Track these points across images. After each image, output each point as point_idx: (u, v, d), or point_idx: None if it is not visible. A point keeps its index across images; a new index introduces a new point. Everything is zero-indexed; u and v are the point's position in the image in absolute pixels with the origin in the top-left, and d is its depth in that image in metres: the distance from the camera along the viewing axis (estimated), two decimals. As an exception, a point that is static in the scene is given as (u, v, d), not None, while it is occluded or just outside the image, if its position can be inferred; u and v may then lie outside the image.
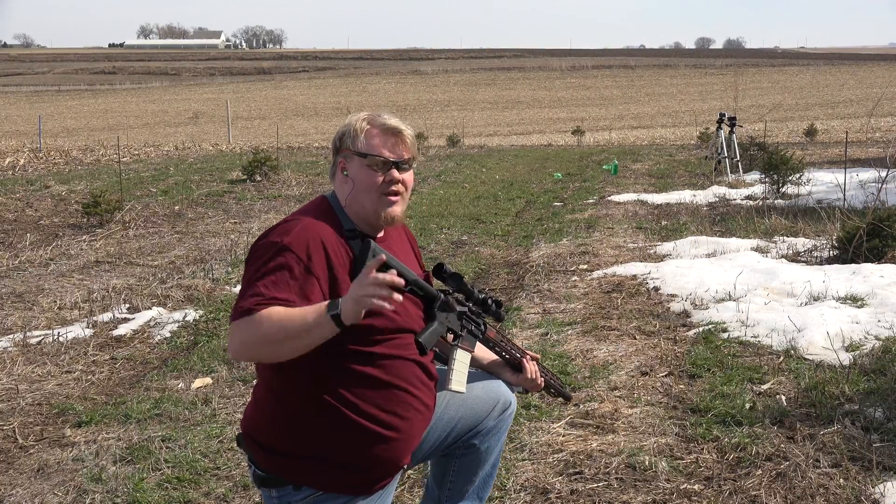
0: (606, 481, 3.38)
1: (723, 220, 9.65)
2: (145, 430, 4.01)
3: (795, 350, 4.80)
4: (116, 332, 5.70)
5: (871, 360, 4.50)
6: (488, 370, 2.66)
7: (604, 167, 17.20)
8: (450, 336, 2.42)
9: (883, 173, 8.60)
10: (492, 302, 2.50)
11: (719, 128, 14.98)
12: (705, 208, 10.87)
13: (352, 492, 2.25)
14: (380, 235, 2.37)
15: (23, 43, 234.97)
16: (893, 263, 6.75)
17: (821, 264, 7.02)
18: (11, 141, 29.01)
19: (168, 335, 5.66)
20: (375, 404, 2.23)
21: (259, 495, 3.05)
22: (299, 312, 2.03)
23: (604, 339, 5.24)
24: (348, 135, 2.33)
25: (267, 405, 2.28)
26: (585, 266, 7.43)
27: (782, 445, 3.57)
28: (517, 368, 2.64)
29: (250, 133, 39.04)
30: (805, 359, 4.66)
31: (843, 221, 7.53)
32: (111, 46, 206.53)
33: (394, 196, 2.31)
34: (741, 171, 14.35)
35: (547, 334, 5.39)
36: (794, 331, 5.04)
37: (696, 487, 3.30)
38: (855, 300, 5.72)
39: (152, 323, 5.94)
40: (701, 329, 5.32)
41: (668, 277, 6.59)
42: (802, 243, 7.89)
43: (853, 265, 6.67)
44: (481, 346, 2.56)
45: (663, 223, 9.65)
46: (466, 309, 2.45)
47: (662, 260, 7.49)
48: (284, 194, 13.42)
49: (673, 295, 6.17)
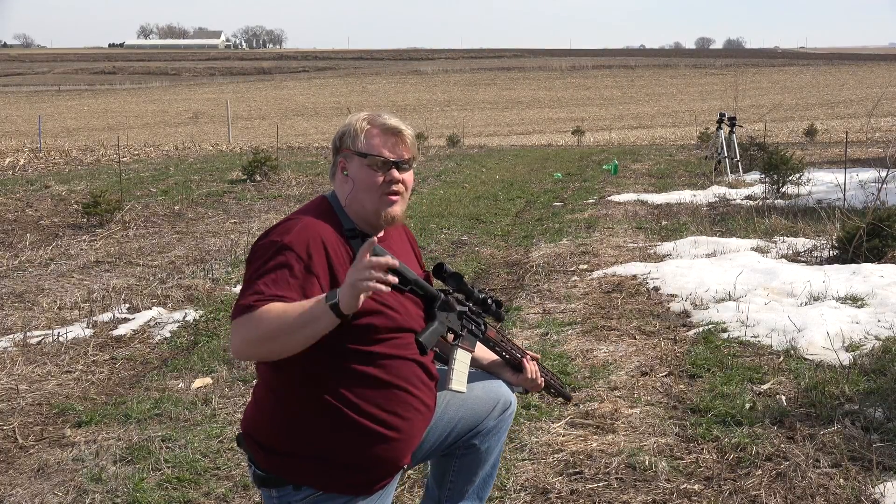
0: (606, 481, 3.38)
1: (723, 220, 9.65)
2: (145, 430, 4.01)
3: (795, 350, 4.80)
4: (116, 332, 5.70)
5: (871, 360, 4.50)
6: (488, 370, 2.66)
7: (604, 167, 17.20)
8: (450, 336, 2.42)
9: (883, 173, 8.60)
10: (492, 302, 2.50)
11: (719, 128, 14.98)
12: (705, 208, 10.87)
13: (352, 492, 2.25)
14: (380, 235, 2.37)
15: (23, 43, 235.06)
16: (893, 263, 6.75)
17: (821, 264, 7.02)
18: (11, 141, 29.01)
19: (168, 335, 5.66)
20: (376, 404, 2.23)
21: (259, 495, 3.05)
22: (298, 305, 2.03)
23: (604, 339, 5.24)
24: (348, 135, 2.33)
25: (267, 405, 2.29)
26: (585, 266, 7.43)
27: (782, 445, 3.57)
28: (517, 368, 2.64)
29: (250, 133, 39.04)
30: (805, 359, 4.66)
31: (843, 221, 7.53)
32: (111, 46, 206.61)
33: (394, 196, 2.31)
34: (741, 171, 14.35)
35: (547, 334, 5.39)
36: (794, 331, 5.04)
37: (696, 487, 3.30)
38: (855, 300, 5.72)
39: (152, 323, 5.94)
40: (701, 329, 5.32)
41: (668, 277, 6.59)
42: (802, 243, 7.89)
43: (853, 265, 6.67)
44: (481, 346, 2.56)
45: (663, 223, 9.65)
46: (467, 309, 2.45)
47: (662, 260, 7.49)
48: (284, 194, 13.42)
49: (673, 295, 6.17)
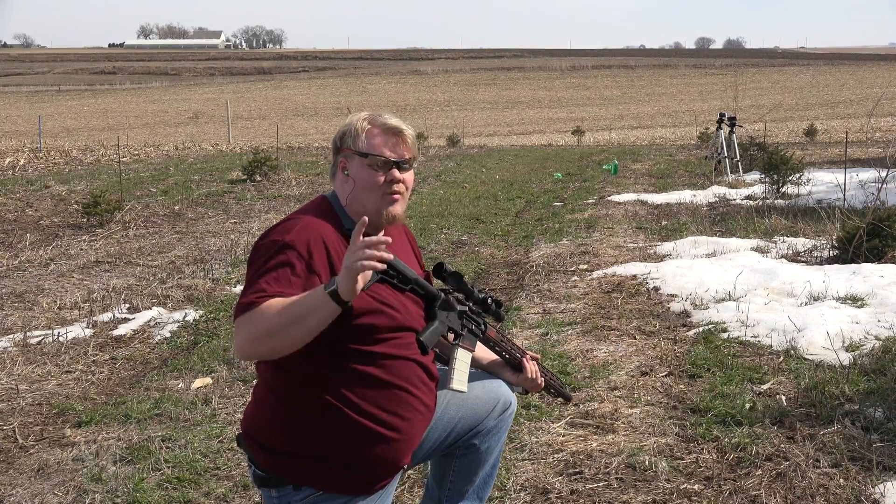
0: (606, 481, 3.38)
1: (723, 220, 9.64)
2: (145, 430, 4.01)
3: (795, 350, 4.80)
4: (116, 332, 5.70)
5: (871, 360, 4.50)
6: (488, 370, 2.66)
7: (604, 167, 17.20)
8: (450, 335, 2.43)
9: (883, 173, 8.60)
10: (492, 301, 2.50)
11: (719, 128, 14.98)
12: (705, 208, 10.87)
13: (352, 492, 2.25)
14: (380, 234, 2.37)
15: (23, 43, 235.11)
16: (893, 263, 6.75)
17: (821, 264, 7.02)
18: (11, 141, 29.01)
19: (168, 335, 5.66)
20: (376, 404, 2.23)
21: (259, 495, 3.05)
22: (299, 298, 2.03)
23: (604, 339, 5.24)
24: (349, 134, 2.33)
25: (267, 405, 2.28)
26: (585, 266, 7.43)
27: (782, 445, 3.57)
28: (517, 368, 2.64)
29: (250, 133, 39.04)
30: (805, 359, 4.66)
31: (843, 221, 7.53)
32: (111, 46, 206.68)
33: (395, 195, 2.32)
34: (741, 171, 14.35)
35: (547, 334, 5.38)
36: (794, 331, 5.04)
37: (696, 487, 3.30)
38: (855, 300, 5.72)
39: (152, 323, 5.94)
40: (701, 329, 5.32)
41: (668, 277, 6.59)
42: (802, 243, 7.89)
43: (853, 265, 6.67)
44: (481, 346, 2.56)
45: (663, 223, 9.65)
46: (467, 308, 2.45)
47: (662, 260, 7.49)
48: (284, 194, 13.42)
49: (673, 295, 6.17)
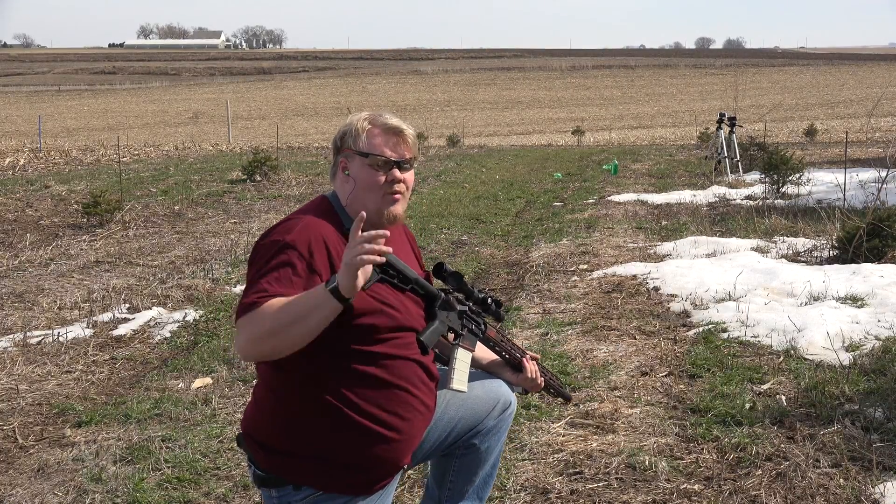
0: (606, 481, 3.38)
1: (723, 220, 9.65)
2: (145, 430, 4.01)
3: (795, 350, 4.80)
4: (116, 332, 5.70)
5: (871, 360, 4.50)
6: (488, 370, 2.66)
7: (604, 167, 17.20)
8: (450, 335, 2.43)
9: (883, 173, 8.59)
10: (491, 301, 2.50)
11: (719, 128, 14.98)
12: (705, 208, 10.87)
13: (352, 492, 2.25)
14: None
15: (23, 43, 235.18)
16: (893, 263, 6.75)
17: (821, 264, 7.02)
18: (11, 141, 29.01)
19: (168, 335, 5.66)
20: (377, 404, 2.23)
21: (259, 495, 3.05)
22: (300, 296, 2.03)
23: (604, 339, 5.24)
24: (350, 134, 2.34)
25: (267, 405, 2.28)
26: (585, 266, 7.43)
27: (782, 445, 3.57)
28: (517, 368, 2.64)
29: (250, 133, 39.04)
30: (805, 359, 4.66)
31: (843, 221, 7.53)
32: (111, 46, 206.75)
33: (395, 195, 2.32)
34: (741, 171, 14.35)
35: (547, 334, 5.38)
36: (794, 331, 5.04)
37: (696, 487, 3.30)
38: (855, 300, 5.72)
39: (152, 323, 5.94)
40: (701, 329, 5.32)
41: (668, 277, 6.59)
42: (802, 243, 7.89)
43: (853, 265, 6.67)
44: (481, 346, 2.56)
45: (663, 223, 9.65)
46: (467, 308, 2.45)
47: (662, 260, 7.49)
48: (284, 194, 13.42)
49: (673, 295, 6.17)
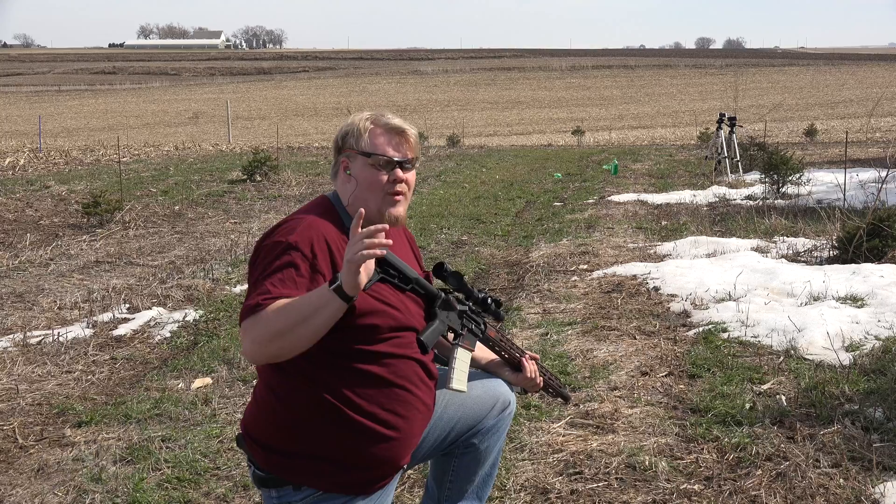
0: (606, 481, 3.38)
1: (723, 220, 9.65)
2: (145, 430, 4.01)
3: (795, 350, 4.80)
4: (116, 332, 5.70)
5: (871, 360, 4.50)
6: (487, 370, 2.66)
7: (604, 167, 17.20)
8: (450, 335, 2.43)
9: (883, 173, 8.59)
10: (491, 301, 2.50)
11: (719, 128, 14.99)
12: (705, 208, 10.87)
13: (352, 492, 2.25)
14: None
15: (23, 43, 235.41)
16: (893, 263, 6.75)
17: (821, 264, 7.02)
18: (11, 141, 29.02)
19: (168, 335, 5.66)
20: (377, 403, 2.23)
21: (259, 495, 3.05)
22: (304, 297, 2.04)
23: (604, 339, 5.24)
24: (352, 134, 2.33)
25: (267, 405, 2.28)
26: (585, 266, 7.43)
27: (782, 445, 3.57)
28: (516, 368, 2.65)
29: (250, 133, 39.05)
30: (805, 359, 4.66)
31: (843, 221, 7.53)
32: (111, 46, 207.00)
33: (397, 196, 2.32)
34: (741, 171, 14.36)
35: (547, 334, 5.38)
36: (794, 331, 5.04)
37: (696, 487, 3.30)
38: (855, 300, 5.72)
39: (152, 323, 5.94)
40: (701, 329, 5.32)
41: (668, 277, 6.59)
42: (802, 243, 7.89)
43: (853, 265, 6.67)
44: (480, 346, 2.56)
45: (663, 223, 9.65)
46: (467, 308, 2.46)
47: (662, 260, 7.49)
48: (284, 194, 13.42)
49: (673, 295, 6.17)
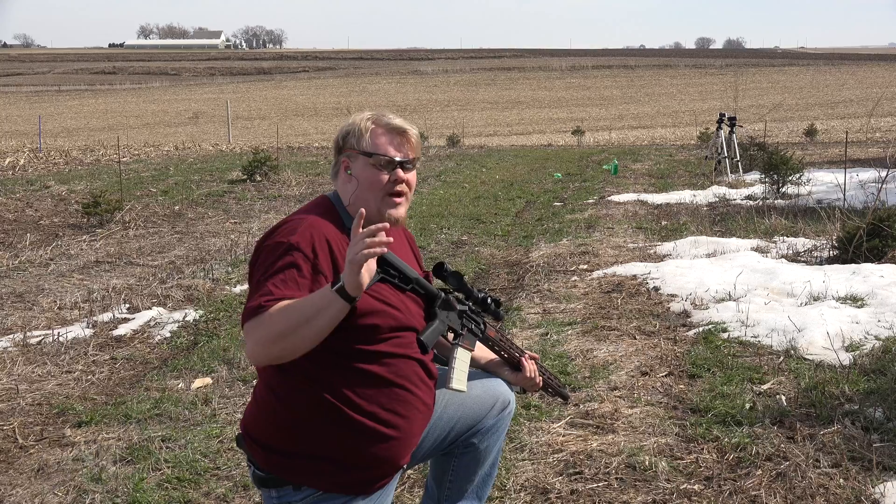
0: (606, 481, 3.38)
1: (723, 220, 9.65)
2: (145, 430, 4.01)
3: (795, 350, 4.80)
4: (116, 332, 5.70)
5: (871, 360, 4.50)
6: (487, 369, 2.66)
7: (604, 167, 17.20)
8: (450, 335, 2.43)
9: (883, 173, 8.59)
10: (491, 301, 2.50)
11: (719, 128, 14.99)
12: (705, 208, 10.87)
13: (351, 491, 2.25)
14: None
15: (23, 43, 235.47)
16: (893, 263, 6.75)
17: (821, 264, 7.02)
18: (11, 141, 29.02)
19: (168, 335, 5.66)
20: (377, 403, 2.23)
21: (259, 495, 3.05)
22: (307, 298, 2.04)
23: (604, 339, 5.24)
24: (353, 134, 2.33)
25: (268, 405, 2.28)
26: (585, 266, 7.43)
27: (782, 445, 3.57)
28: (516, 367, 2.65)
29: (250, 133, 39.06)
30: (805, 359, 4.66)
31: (843, 221, 7.53)
32: (111, 46, 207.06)
33: (398, 197, 2.32)
34: (741, 171, 14.36)
35: (547, 334, 5.38)
36: (794, 331, 5.04)
37: (696, 487, 3.30)
38: (855, 300, 5.72)
39: (152, 323, 5.94)
40: (701, 329, 5.32)
41: (668, 277, 6.59)
42: (802, 243, 7.89)
43: (853, 265, 6.67)
44: (480, 345, 2.56)
45: (663, 223, 9.65)
46: (467, 308, 2.46)
47: (662, 260, 7.49)
48: (284, 194, 13.42)
49: (673, 295, 6.16)
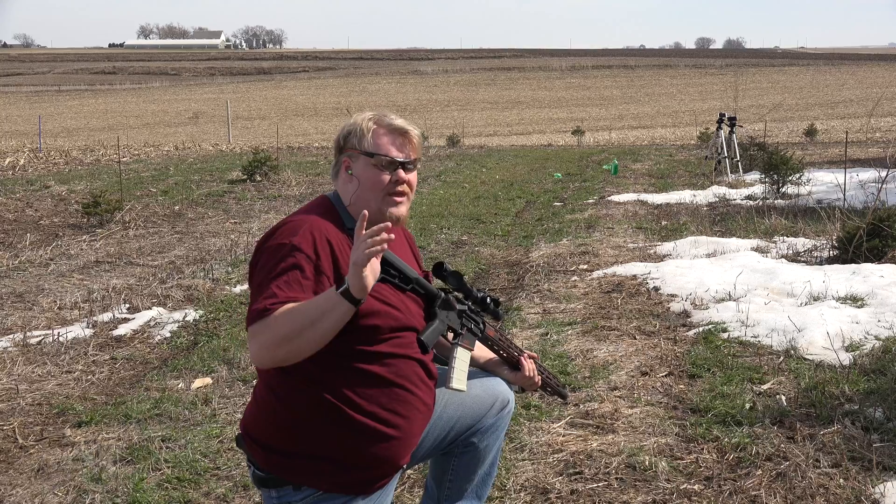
0: (606, 481, 3.38)
1: (723, 220, 9.65)
2: (145, 430, 4.01)
3: (795, 350, 4.80)
4: (116, 332, 5.70)
5: (871, 360, 4.50)
6: (486, 369, 2.66)
7: (604, 167, 17.21)
8: (450, 334, 2.43)
9: (883, 173, 8.59)
10: (490, 300, 2.50)
11: (719, 128, 14.99)
12: (705, 208, 10.87)
13: (351, 491, 2.25)
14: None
15: (23, 43, 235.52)
16: (893, 263, 6.75)
17: (821, 264, 7.02)
18: (11, 141, 29.03)
19: (168, 335, 5.66)
20: (377, 403, 2.24)
21: (259, 495, 3.05)
22: (311, 301, 2.05)
23: (604, 339, 5.24)
24: (354, 134, 2.33)
25: (268, 405, 2.28)
26: (585, 266, 7.43)
27: (782, 445, 3.57)
28: (515, 367, 2.65)
29: (250, 133, 39.06)
30: (805, 359, 4.66)
31: (843, 221, 7.53)
32: (111, 46, 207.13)
33: (399, 197, 2.32)
34: (741, 171, 14.36)
35: (547, 334, 5.38)
36: (794, 331, 5.04)
37: (696, 487, 3.30)
38: (855, 300, 5.72)
39: (152, 323, 5.94)
40: (701, 329, 5.32)
41: (668, 277, 6.59)
42: (802, 243, 7.89)
43: (853, 265, 6.67)
44: (479, 345, 2.57)
45: (663, 223, 9.65)
46: (466, 307, 2.46)
47: (662, 260, 7.49)
48: (284, 194, 13.42)
49: (673, 295, 6.16)
